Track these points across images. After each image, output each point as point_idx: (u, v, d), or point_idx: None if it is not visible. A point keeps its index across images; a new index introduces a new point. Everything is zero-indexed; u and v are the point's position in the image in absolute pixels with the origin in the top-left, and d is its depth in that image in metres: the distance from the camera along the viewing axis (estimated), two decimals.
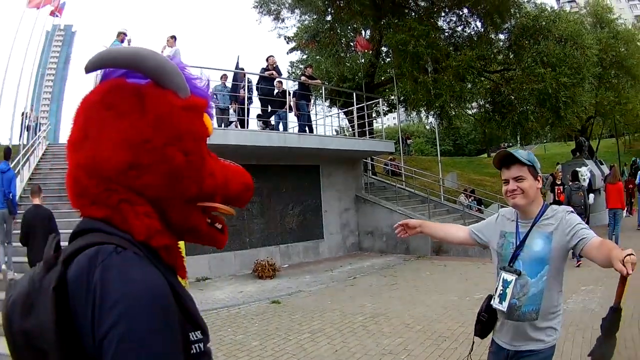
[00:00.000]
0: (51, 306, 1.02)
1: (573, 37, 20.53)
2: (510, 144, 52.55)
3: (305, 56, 27.61)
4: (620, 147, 37.87)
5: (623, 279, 2.54)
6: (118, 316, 0.98)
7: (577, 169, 17.22)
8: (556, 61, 19.67)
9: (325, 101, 23.76)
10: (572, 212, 3.17)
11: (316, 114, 20.70)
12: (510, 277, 3.17)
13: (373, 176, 22.18)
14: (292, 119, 17.12)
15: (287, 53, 27.07)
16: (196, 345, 1.17)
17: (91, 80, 2.23)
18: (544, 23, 20.83)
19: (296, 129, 16.94)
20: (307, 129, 16.80)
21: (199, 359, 1.17)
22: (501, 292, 3.19)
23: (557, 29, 20.59)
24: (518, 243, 3.21)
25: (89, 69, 1.21)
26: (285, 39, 24.93)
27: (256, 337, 8.02)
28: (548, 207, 3.25)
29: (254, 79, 16.41)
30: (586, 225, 3.08)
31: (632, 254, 2.41)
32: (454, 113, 21.63)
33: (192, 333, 1.17)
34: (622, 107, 25.94)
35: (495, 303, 3.24)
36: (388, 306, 9.76)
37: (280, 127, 16.59)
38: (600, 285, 10.12)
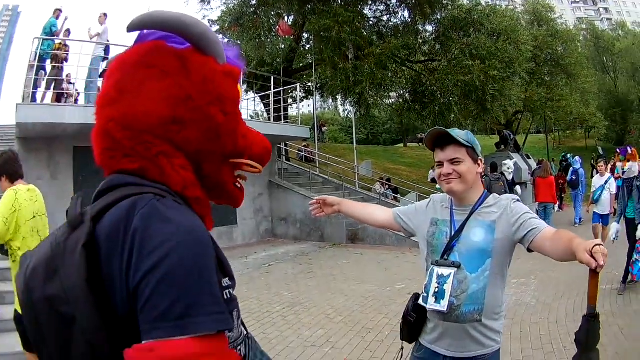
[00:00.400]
0: (81, 264, 1.03)
1: (507, 32, 20.45)
2: None
3: (226, 40, 26.73)
4: (549, 143, 38.58)
5: (594, 275, 2.08)
6: (159, 259, 0.99)
7: (504, 161, 17.19)
8: (486, 54, 19.44)
9: (242, 85, 22.95)
10: (518, 200, 2.76)
11: None
12: (447, 271, 2.69)
13: (287, 162, 21.67)
14: None
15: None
16: (226, 291, 1.23)
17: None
18: (476, 16, 20.61)
19: None
20: None
21: (228, 305, 1.20)
22: (437, 289, 2.69)
23: (491, 23, 20.43)
24: (453, 232, 2.75)
25: (135, 26, 1.25)
26: (209, 22, 24.11)
27: None
28: (489, 195, 2.83)
29: None
30: (535, 215, 2.69)
31: (601, 244, 2.01)
32: (372, 101, 21.14)
33: (223, 280, 1.23)
34: (555, 103, 26.00)
35: (429, 303, 2.71)
36: (306, 295, 9.51)
37: None
38: (534, 278, 9.94)
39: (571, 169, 19.55)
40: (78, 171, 12.19)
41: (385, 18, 22.35)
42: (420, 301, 2.75)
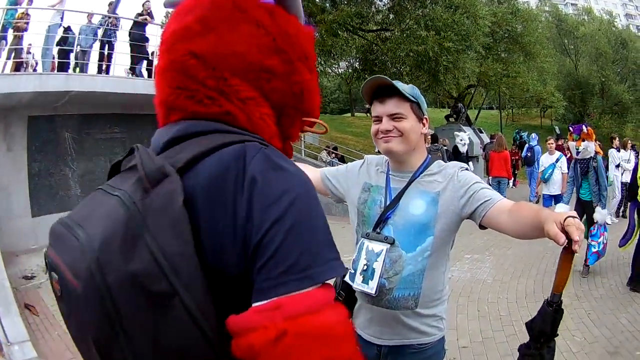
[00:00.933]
0: (184, 225, 0.90)
1: (466, 6, 20.17)
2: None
3: None
4: (502, 120, 38.79)
5: (567, 256, 1.66)
6: (283, 210, 0.94)
7: (456, 132, 16.97)
8: (442, 26, 19.30)
9: None
10: (466, 169, 2.35)
11: None
12: (378, 247, 2.29)
13: None
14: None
15: (165, 6, 26.13)
16: None
17: None
18: None
19: None
20: None
21: None
22: (365, 267, 2.30)
23: None
24: (388, 202, 2.33)
25: None
26: None
27: None
28: (434, 161, 2.40)
29: (127, 25, 15.45)
30: (487, 185, 2.29)
31: (576, 216, 1.63)
32: (321, 69, 20.99)
33: None
34: (510, 80, 25.97)
35: (356, 282, 2.30)
36: None
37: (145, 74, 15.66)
38: (488, 254, 9.78)
39: (526, 145, 19.58)
40: (31, 141, 11.80)
41: None
42: (347, 278, 2.33)
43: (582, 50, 40.79)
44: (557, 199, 11.51)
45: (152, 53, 15.35)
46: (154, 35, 15.93)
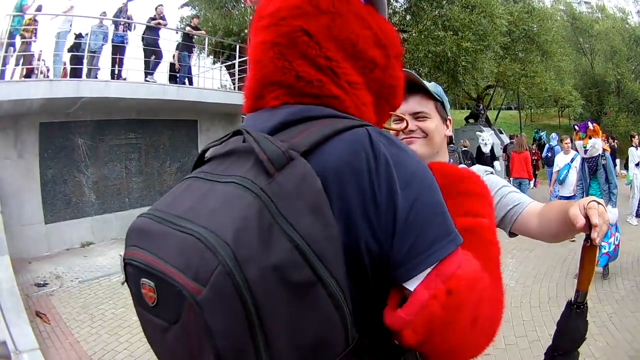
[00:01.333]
0: (325, 209, 0.90)
1: (482, 5, 19.97)
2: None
3: (194, 11, 26.52)
4: (522, 120, 38.68)
5: (588, 250, 1.49)
6: (420, 187, 0.99)
7: (477, 132, 16.80)
8: (460, 26, 19.17)
9: (208, 56, 22.83)
10: (491, 172, 2.23)
11: (199, 67, 20.00)
12: None
13: None
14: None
15: (179, 8, 26.14)
16: None
17: None
18: None
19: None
20: (187, 81, 15.95)
21: None
22: None
23: None
24: None
25: None
26: None
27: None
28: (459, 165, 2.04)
29: (140, 30, 15.56)
30: (515, 188, 2.16)
31: (601, 203, 1.49)
32: None
33: None
34: (529, 79, 25.71)
35: None
36: None
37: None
38: (511, 257, 9.64)
39: (547, 145, 19.25)
40: (43, 148, 11.82)
41: None
42: None
43: (597, 48, 40.51)
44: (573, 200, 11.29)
45: (174, 56, 15.52)
46: (168, 40, 16.14)
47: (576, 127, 8.68)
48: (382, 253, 0.95)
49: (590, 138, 8.13)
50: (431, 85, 2.13)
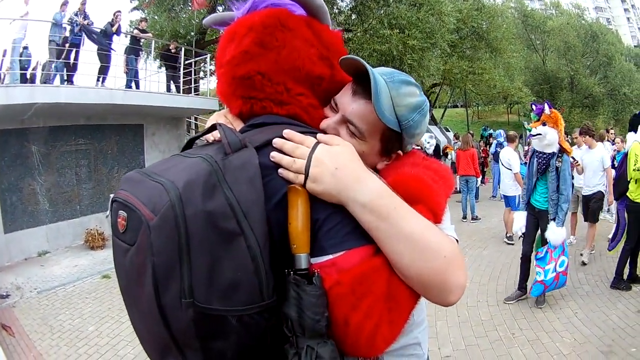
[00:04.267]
0: (257, 180, 1.17)
1: (431, 3, 20.40)
2: None
3: (144, 15, 26.26)
4: (469, 117, 39.30)
5: (290, 192, 1.30)
6: None
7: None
8: (406, 24, 19.54)
9: (155, 59, 22.64)
10: None
11: (145, 70, 19.65)
12: None
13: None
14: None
15: (129, 12, 25.97)
16: None
17: None
18: None
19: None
20: (133, 84, 15.99)
21: None
22: None
23: None
24: None
25: None
26: None
27: (91, 320, 7.77)
28: None
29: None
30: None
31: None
32: None
33: None
34: (477, 77, 26.45)
35: None
36: None
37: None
38: (464, 256, 9.40)
39: (494, 141, 19.64)
40: (1, 156, 11.79)
41: None
42: None
43: (550, 44, 41.51)
44: (508, 200, 10.95)
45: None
46: (123, 45, 16.29)
47: (533, 106, 7.02)
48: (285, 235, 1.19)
49: (543, 124, 6.53)
50: (404, 105, 1.46)
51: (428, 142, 16.31)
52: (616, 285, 7.38)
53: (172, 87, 18.21)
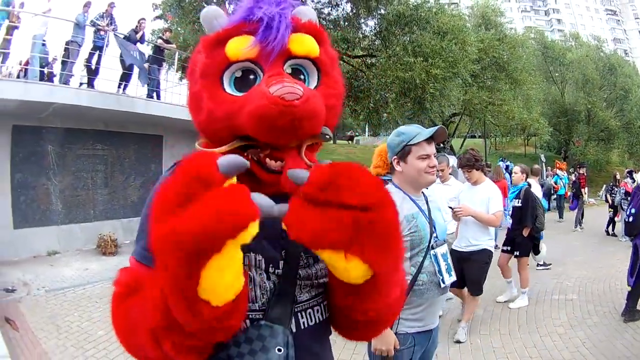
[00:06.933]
0: None
1: (454, 32, 20.66)
2: (357, 133, 53.64)
3: (167, 25, 26.45)
4: (487, 148, 39.17)
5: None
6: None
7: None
8: (430, 52, 19.62)
9: (177, 71, 22.81)
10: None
11: (167, 81, 19.93)
12: (442, 249, 3.16)
13: None
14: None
15: (152, 20, 25.61)
16: None
17: None
18: (423, 14, 20.66)
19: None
20: (155, 95, 15.99)
21: None
22: (446, 266, 3.14)
23: (438, 21, 20.59)
24: (428, 219, 3.15)
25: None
26: (152, 5, 24.20)
27: (101, 324, 7.56)
28: None
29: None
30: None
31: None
32: None
33: None
34: (496, 107, 26.62)
35: (447, 281, 3.12)
36: None
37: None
38: None
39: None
40: (16, 151, 12.00)
41: (326, 10, 22.38)
42: (440, 284, 3.10)
43: (569, 77, 41.51)
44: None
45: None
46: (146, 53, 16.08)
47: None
48: None
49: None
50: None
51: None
52: (627, 316, 7.37)
53: None
